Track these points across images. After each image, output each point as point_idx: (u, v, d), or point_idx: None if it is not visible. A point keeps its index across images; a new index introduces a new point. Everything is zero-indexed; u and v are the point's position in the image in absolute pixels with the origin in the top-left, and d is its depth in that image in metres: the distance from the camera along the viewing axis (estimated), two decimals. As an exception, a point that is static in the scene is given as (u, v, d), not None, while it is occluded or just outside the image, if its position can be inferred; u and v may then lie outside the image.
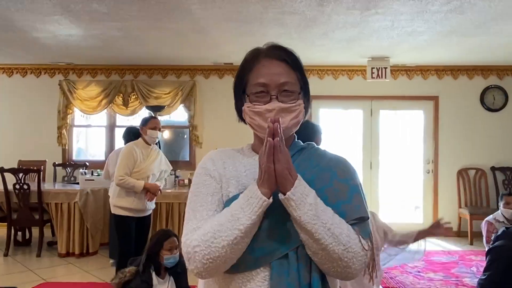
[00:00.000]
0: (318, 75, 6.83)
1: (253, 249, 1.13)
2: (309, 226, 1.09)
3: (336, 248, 1.10)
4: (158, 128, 4.13)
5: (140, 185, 3.94)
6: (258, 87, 1.22)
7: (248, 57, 1.30)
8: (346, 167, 1.26)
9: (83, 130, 7.48)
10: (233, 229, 1.09)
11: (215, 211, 1.18)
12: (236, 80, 1.31)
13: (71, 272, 4.86)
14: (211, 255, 1.10)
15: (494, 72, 6.76)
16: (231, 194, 1.20)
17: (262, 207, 1.09)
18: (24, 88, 7.08)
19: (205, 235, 1.11)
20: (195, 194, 1.23)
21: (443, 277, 4.63)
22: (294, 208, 1.09)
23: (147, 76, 6.97)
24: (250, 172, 1.24)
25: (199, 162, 1.38)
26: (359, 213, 1.17)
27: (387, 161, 6.98)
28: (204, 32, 4.87)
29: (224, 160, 1.28)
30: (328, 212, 1.12)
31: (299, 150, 1.28)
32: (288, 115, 1.20)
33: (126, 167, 3.93)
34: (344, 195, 1.18)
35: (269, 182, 1.10)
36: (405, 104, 6.94)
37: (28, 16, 4.35)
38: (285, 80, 1.21)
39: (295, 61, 1.26)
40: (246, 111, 1.24)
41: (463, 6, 3.91)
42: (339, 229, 1.11)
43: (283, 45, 1.29)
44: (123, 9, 4.09)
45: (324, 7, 3.98)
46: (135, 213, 4.02)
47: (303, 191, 1.10)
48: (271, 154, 1.08)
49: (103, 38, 5.17)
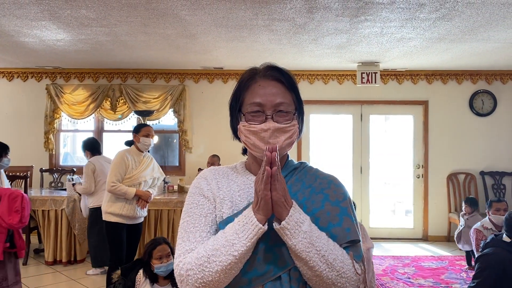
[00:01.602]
0: (308, 80, 6.83)
1: (246, 271, 1.14)
2: (303, 255, 1.10)
3: (329, 274, 1.12)
4: (151, 135, 4.11)
5: (132, 192, 3.92)
6: (254, 107, 1.23)
7: (244, 76, 1.30)
8: (337, 188, 1.28)
9: (70, 134, 7.39)
10: (227, 255, 1.10)
11: (208, 232, 1.20)
12: (232, 98, 1.31)
13: (58, 280, 4.79)
14: (204, 280, 1.11)
15: (482, 76, 6.81)
16: (224, 215, 1.22)
17: (257, 234, 1.10)
18: (11, 92, 6.98)
19: (199, 259, 1.12)
20: (189, 215, 1.24)
21: (432, 283, 4.63)
22: (289, 236, 1.10)
23: (136, 80, 6.91)
24: (243, 192, 1.25)
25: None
26: (350, 236, 1.19)
27: (377, 166, 6.99)
28: (194, 38, 4.84)
29: (218, 179, 1.30)
30: (322, 238, 1.14)
31: (292, 170, 1.31)
32: (282, 135, 1.22)
33: (117, 174, 3.91)
34: (335, 218, 1.20)
35: (265, 209, 1.11)
36: (395, 108, 6.97)
37: (15, 21, 4.28)
38: (281, 100, 1.23)
39: (291, 82, 1.27)
40: (241, 129, 1.25)
41: (451, 13, 3.92)
42: (333, 255, 1.13)
43: (279, 65, 1.30)
44: (111, 14, 4.04)
45: (314, 14, 3.96)
46: (126, 220, 3.98)
47: (298, 219, 1.11)
48: (268, 183, 1.09)
49: (91, 43, 5.11)
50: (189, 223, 1.22)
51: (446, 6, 3.72)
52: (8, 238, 3.66)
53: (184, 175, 6.71)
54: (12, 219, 3.49)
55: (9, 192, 3.59)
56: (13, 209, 3.51)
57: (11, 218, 3.48)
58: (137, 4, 3.73)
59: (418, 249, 6.29)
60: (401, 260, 5.56)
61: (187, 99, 6.79)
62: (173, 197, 5.43)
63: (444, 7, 3.76)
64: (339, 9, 3.83)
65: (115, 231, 3.96)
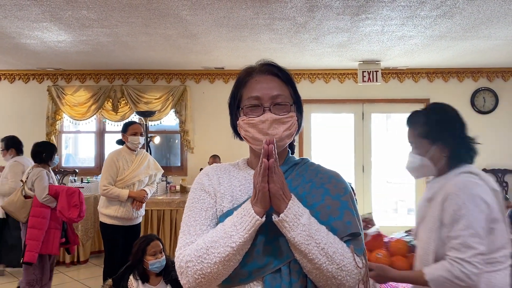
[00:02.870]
0: (309, 79, 6.83)
1: (246, 263, 1.15)
2: (302, 247, 1.10)
3: (329, 267, 1.12)
4: (140, 133, 4.03)
5: (125, 194, 3.86)
6: (251, 101, 1.26)
7: (241, 74, 1.34)
8: (338, 183, 1.28)
9: (72, 136, 7.40)
10: (225, 246, 1.11)
11: (208, 226, 1.22)
12: (231, 96, 1.35)
13: (62, 281, 4.81)
14: (203, 271, 1.12)
15: (484, 74, 6.80)
16: (225, 209, 1.23)
17: (254, 226, 1.11)
18: (12, 94, 6.99)
19: (198, 251, 1.14)
20: (190, 209, 1.27)
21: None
22: (287, 229, 1.11)
23: (137, 81, 6.92)
24: (244, 187, 1.27)
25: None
26: (351, 229, 1.19)
27: (379, 165, 6.99)
28: (194, 38, 4.84)
29: (219, 175, 1.32)
30: (322, 231, 1.14)
31: (292, 166, 1.31)
32: (281, 126, 1.23)
33: (108, 177, 3.87)
34: (335, 212, 1.20)
35: (263, 201, 1.12)
36: (396, 107, 6.96)
37: (17, 23, 4.29)
38: (278, 93, 1.25)
39: (287, 77, 1.29)
40: (240, 124, 1.27)
41: (452, 11, 3.92)
42: (333, 248, 1.13)
43: (275, 61, 1.32)
44: (112, 15, 4.05)
45: (315, 13, 3.97)
46: (122, 222, 3.94)
47: (296, 212, 1.12)
48: (265, 175, 1.10)
49: (92, 44, 5.12)
50: (190, 217, 1.24)
51: (447, 3, 3.72)
52: (63, 233, 3.91)
53: (186, 175, 6.71)
54: (71, 213, 3.74)
55: (66, 189, 3.84)
56: (72, 204, 3.76)
57: (70, 213, 3.73)
58: (138, 4, 3.74)
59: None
60: (404, 258, 5.55)
61: (189, 100, 6.80)
62: (175, 197, 5.44)
63: (445, 5, 3.76)
64: (340, 8, 3.83)
65: (110, 233, 3.93)
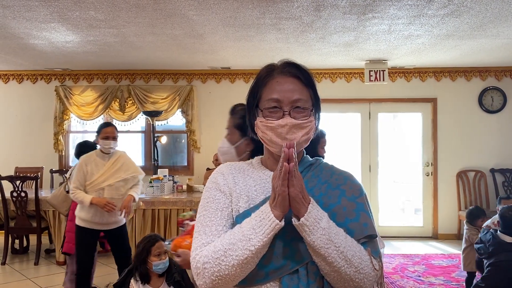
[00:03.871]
0: (316, 79, 6.80)
1: (263, 264, 1.15)
2: (322, 251, 1.11)
3: (348, 270, 1.13)
4: (112, 137, 3.91)
5: (87, 200, 3.74)
6: (271, 103, 1.24)
7: (262, 72, 1.31)
8: (353, 184, 1.29)
9: (79, 135, 7.43)
10: (244, 249, 1.11)
11: (224, 226, 1.21)
12: (250, 94, 1.32)
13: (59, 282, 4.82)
14: (221, 273, 1.12)
15: (492, 73, 6.75)
16: (241, 209, 1.23)
17: (274, 230, 1.11)
18: (21, 94, 7.05)
19: (215, 253, 1.14)
20: (205, 209, 1.25)
21: (443, 282, 4.61)
22: (307, 233, 1.11)
23: (144, 81, 6.95)
24: (260, 187, 1.27)
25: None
26: (368, 231, 1.20)
27: (386, 164, 6.97)
28: (201, 38, 4.85)
29: (234, 174, 1.31)
30: (340, 235, 1.14)
31: (308, 166, 1.32)
32: (299, 131, 1.22)
33: (76, 181, 3.80)
34: (352, 213, 1.21)
35: (282, 205, 1.11)
36: (403, 106, 6.93)
37: (25, 24, 4.32)
38: (298, 97, 1.24)
39: (308, 78, 1.28)
40: (258, 125, 1.26)
41: (460, 9, 3.89)
42: (352, 252, 1.14)
43: (296, 61, 1.30)
44: (119, 16, 4.07)
45: (321, 12, 3.96)
46: (96, 226, 3.85)
47: (316, 215, 1.12)
48: (285, 179, 1.09)
49: (99, 44, 5.15)
50: (205, 217, 1.23)
51: (454, 2, 3.70)
52: None
53: (193, 174, 6.73)
54: None
55: None
56: None
57: None
58: (145, 5, 3.76)
59: (428, 247, 6.25)
60: (411, 258, 5.54)
61: (195, 99, 6.81)
62: (182, 197, 5.44)
63: (452, 3, 3.73)
64: (346, 7, 3.82)
65: (82, 235, 3.87)
